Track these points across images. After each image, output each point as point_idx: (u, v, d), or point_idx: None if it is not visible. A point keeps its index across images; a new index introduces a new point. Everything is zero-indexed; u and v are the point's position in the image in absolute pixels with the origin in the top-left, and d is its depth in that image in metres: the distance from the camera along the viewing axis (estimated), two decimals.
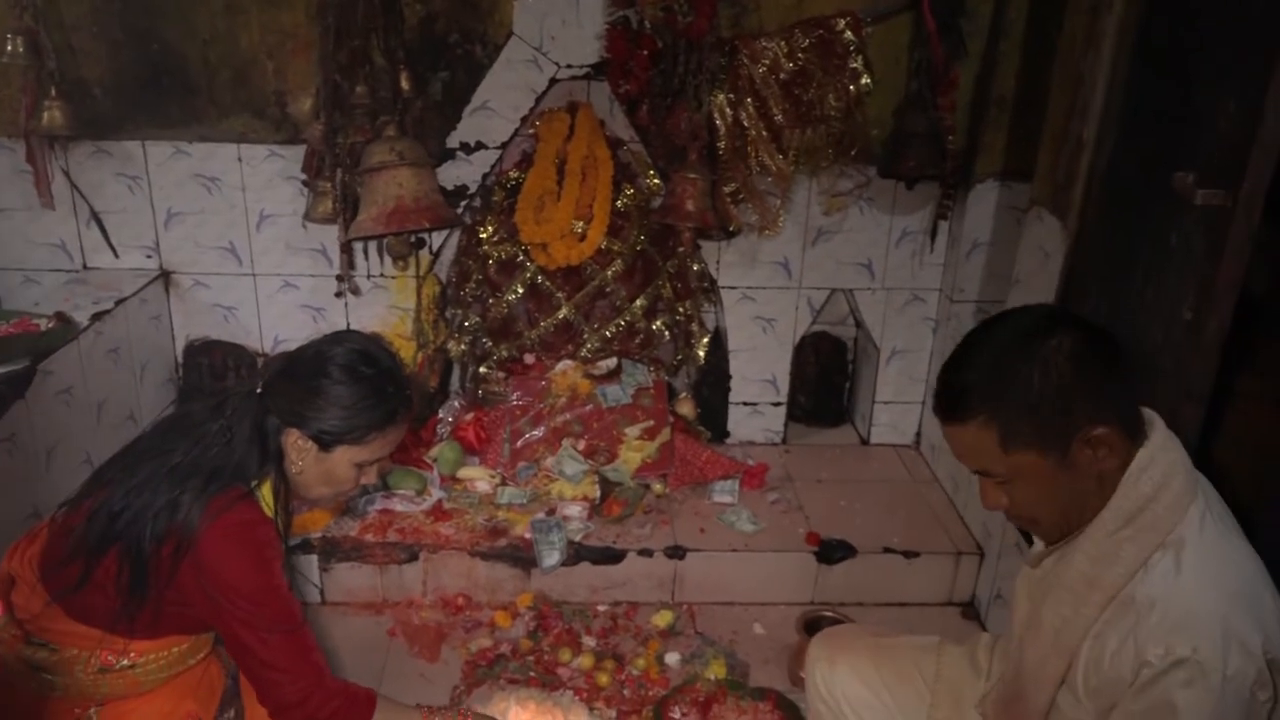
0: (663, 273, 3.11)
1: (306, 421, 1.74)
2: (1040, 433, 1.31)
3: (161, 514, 1.66)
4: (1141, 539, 1.32)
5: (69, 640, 1.74)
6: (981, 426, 1.34)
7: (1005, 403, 1.32)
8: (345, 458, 1.78)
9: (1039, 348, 1.31)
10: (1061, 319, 1.36)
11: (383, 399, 1.75)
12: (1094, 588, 1.35)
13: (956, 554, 2.80)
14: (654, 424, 3.03)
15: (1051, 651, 1.41)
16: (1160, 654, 1.25)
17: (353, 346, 1.79)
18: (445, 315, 3.18)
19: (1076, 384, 1.30)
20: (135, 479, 1.70)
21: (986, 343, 1.39)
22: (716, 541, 2.81)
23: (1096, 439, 1.30)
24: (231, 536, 1.67)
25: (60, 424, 2.41)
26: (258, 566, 1.69)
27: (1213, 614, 1.25)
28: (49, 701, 1.77)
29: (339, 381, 1.73)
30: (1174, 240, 1.84)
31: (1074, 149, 2.31)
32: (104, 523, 1.69)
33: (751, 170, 2.85)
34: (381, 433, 1.77)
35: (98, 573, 1.69)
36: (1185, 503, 1.32)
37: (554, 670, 2.51)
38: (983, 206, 2.92)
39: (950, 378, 1.40)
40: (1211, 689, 1.22)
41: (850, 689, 1.79)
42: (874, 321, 3.24)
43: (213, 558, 1.65)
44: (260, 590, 1.68)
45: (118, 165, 2.90)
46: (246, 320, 3.10)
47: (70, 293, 2.80)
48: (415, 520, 2.81)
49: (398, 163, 2.64)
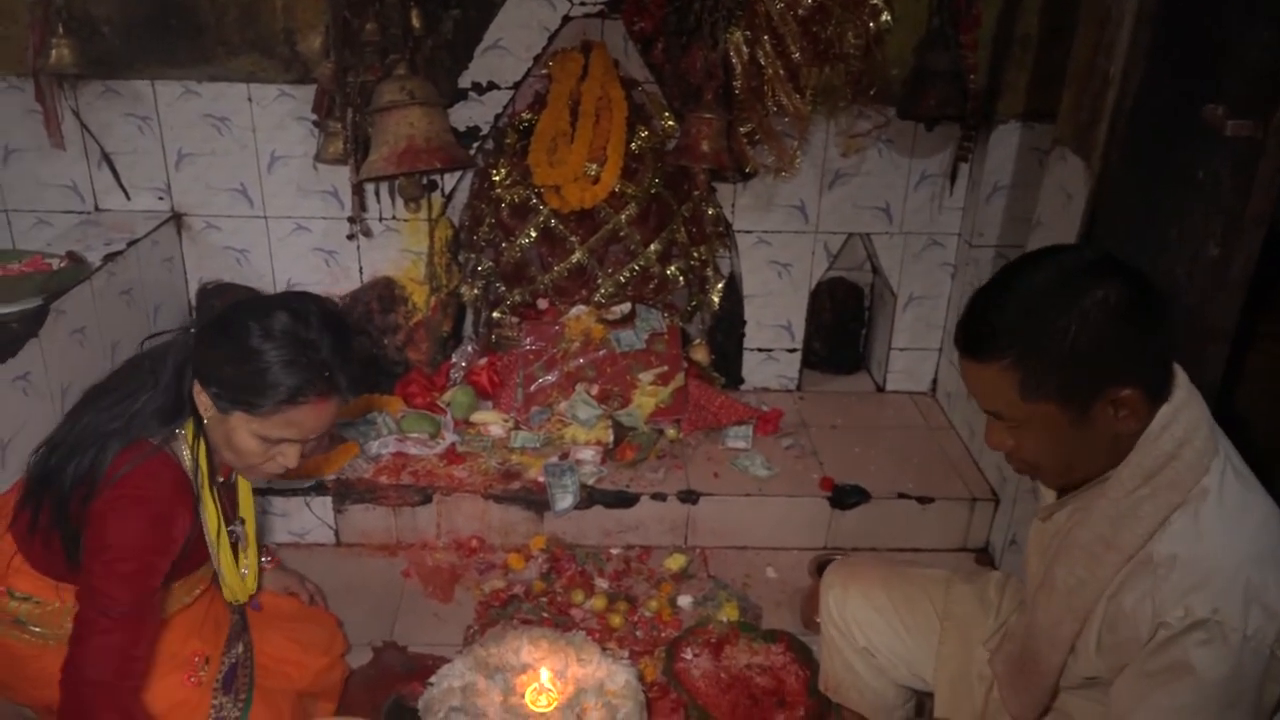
0: (677, 217, 3.07)
1: (206, 376, 1.62)
2: (1065, 388, 1.26)
3: (83, 459, 1.59)
4: (1161, 497, 1.28)
5: (44, 592, 1.72)
6: (1004, 370, 1.28)
7: (1034, 351, 1.26)
8: (243, 426, 1.62)
9: (1081, 299, 1.24)
10: (1110, 268, 1.27)
11: (291, 370, 1.57)
12: (1111, 548, 1.31)
13: (971, 500, 2.79)
14: (668, 369, 3.02)
15: (1065, 613, 1.38)
16: (1180, 615, 1.22)
17: (297, 306, 1.62)
18: (458, 259, 3.16)
19: (1113, 343, 1.24)
20: (78, 424, 1.65)
21: (1025, 284, 1.30)
22: (730, 486, 2.80)
23: (1121, 400, 1.25)
24: (123, 496, 1.58)
25: (74, 364, 2.41)
26: (140, 530, 1.58)
27: (1234, 573, 1.22)
28: (47, 651, 1.75)
29: (254, 336, 1.57)
30: (1201, 175, 1.80)
31: (1099, 86, 2.25)
32: (40, 470, 1.65)
33: (768, 110, 2.80)
34: (284, 409, 1.58)
35: (42, 521, 1.65)
36: (1206, 460, 1.28)
37: (567, 611, 2.53)
38: (1004, 148, 2.86)
39: (980, 314, 1.33)
40: (1230, 648, 1.20)
41: (862, 614, 1.79)
42: (891, 266, 3.20)
43: (99, 514, 1.57)
44: (125, 556, 1.56)
45: (127, 105, 2.87)
46: (259, 263, 3.09)
47: (82, 234, 2.79)
48: (428, 463, 2.81)
49: (409, 102, 2.60)
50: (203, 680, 1.89)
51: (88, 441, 1.62)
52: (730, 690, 2.28)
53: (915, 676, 1.79)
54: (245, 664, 1.99)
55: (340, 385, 1.63)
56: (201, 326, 1.66)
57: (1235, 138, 1.65)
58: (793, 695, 2.27)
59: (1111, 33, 2.19)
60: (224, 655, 1.94)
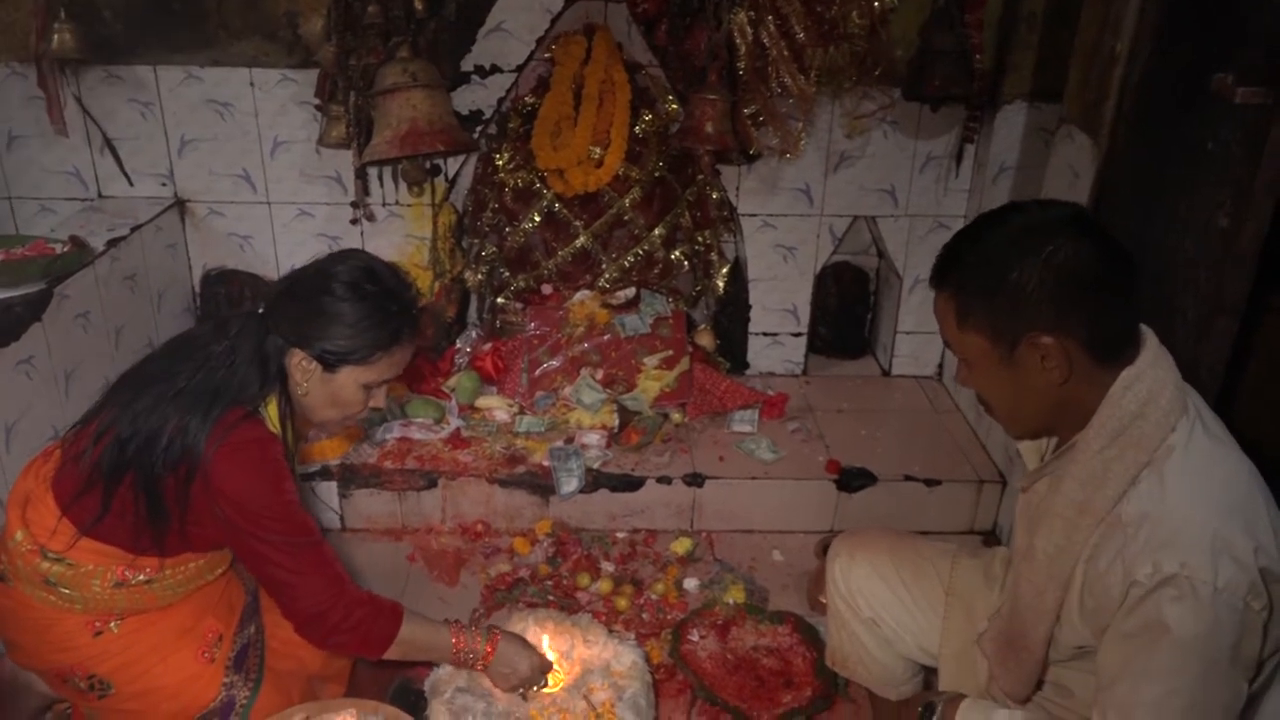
0: (681, 201, 3.06)
1: (309, 341, 1.70)
2: (990, 321, 1.33)
3: (171, 440, 1.64)
4: (1128, 457, 1.29)
5: (88, 557, 1.73)
6: (948, 298, 1.37)
7: (971, 281, 1.34)
8: (351, 379, 1.74)
9: (1036, 245, 1.28)
10: (1079, 228, 1.31)
11: (388, 317, 1.71)
12: (1084, 512, 1.32)
13: (978, 482, 2.78)
14: (672, 354, 3.01)
15: (1047, 581, 1.39)
16: (1149, 572, 1.22)
17: (356, 264, 1.74)
18: (461, 245, 3.15)
19: (1048, 291, 1.27)
20: (141, 403, 1.68)
21: (999, 224, 1.37)
22: (736, 469, 2.79)
23: (1043, 346, 1.29)
24: (239, 456, 1.65)
25: (78, 348, 2.41)
26: (268, 482, 1.67)
27: (1201, 527, 1.22)
28: (67, 615, 1.78)
29: (342, 299, 1.69)
30: (1211, 146, 1.78)
31: (1106, 63, 2.24)
32: (115, 451, 1.67)
33: (772, 91, 2.79)
34: (387, 352, 1.73)
35: (115, 502, 1.68)
36: (1173, 419, 1.29)
37: (572, 594, 2.52)
38: (1010, 129, 2.85)
39: (948, 248, 1.41)
40: (1202, 602, 1.19)
41: (868, 584, 1.79)
42: (897, 249, 3.18)
43: (222, 478, 1.64)
44: (273, 505, 1.67)
45: (130, 91, 2.87)
46: (262, 249, 3.08)
47: (86, 220, 2.79)
48: (433, 448, 2.81)
49: (411, 84, 2.59)
50: (215, 657, 1.89)
51: (167, 426, 1.65)
52: (737, 671, 2.27)
53: (921, 650, 1.78)
54: (257, 645, 1.99)
55: (419, 318, 1.78)
56: (280, 302, 1.73)
57: (1245, 106, 1.64)
58: (800, 676, 2.26)
59: (1118, 9, 2.18)
60: (237, 635, 1.95)
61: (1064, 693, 1.52)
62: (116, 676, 1.77)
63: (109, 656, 1.79)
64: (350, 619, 1.73)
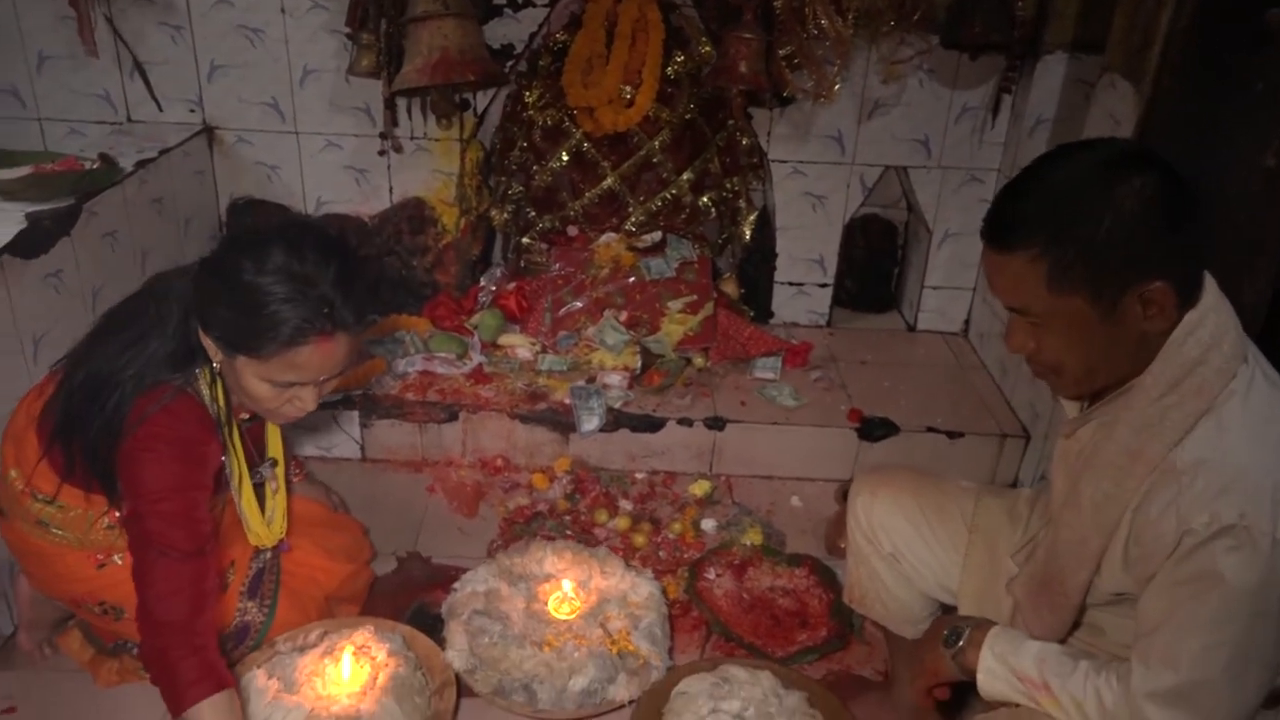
0: (711, 146, 3.03)
1: (206, 320, 1.53)
2: (1095, 279, 1.22)
3: (103, 412, 1.57)
4: (1187, 405, 1.25)
5: (76, 500, 1.72)
6: (1031, 259, 1.24)
7: (1064, 238, 1.22)
8: (248, 370, 1.53)
9: (1117, 186, 1.20)
10: (1145, 161, 1.24)
11: (289, 309, 1.44)
12: (1137, 459, 1.28)
13: (1001, 436, 2.75)
14: (697, 298, 2.99)
15: (1091, 529, 1.35)
16: (1205, 521, 1.19)
17: (283, 237, 1.48)
18: (488, 183, 3.13)
19: (1146, 235, 1.20)
20: (90, 364, 1.63)
21: (1059, 170, 1.27)
22: (757, 414, 2.78)
23: (1150, 294, 1.22)
24: (150, 436, 1.55)
25: (105, 267, 2.41)
26: (174, 470, 1.56)
27: (1261, 477, 1.19)
28: (70, 551, 1.77)
29: (240, 275, 1.46)
30: (1260, 86, 1.74)
31: (1153, 7, 2.19)
32: (64, 417, 1.64)
33: (808, 33, 2.73)
34: (286, 351, 1.48)
35: (76, 459, 1.65)
36: (1234, 366, 1.25)
37: (590, 530, 2.52)
38: (1049, 80, 2.79)
39: (1009, 202, 1.29)
40: (1260, 554, 1.17)
41: (890, 519, 1.77)
42: (928, 202, 3.14)
43: (130, 458, 1.56)
44: (167, 496, 1.54)
45: (160, 14, 2.84)
46: (289, 180, 3.07)
47: (115, 143, 2.77)
48: (455, 382, 2.81)
49: (442, 12, 2.57)
50: (228, 584, 1.90)
51: (104, 387, 1.58)
52: (752, 610, 2.27)
53: (941, 587, 1.77)
54: (273, 570, 2.00)
55: (345, 320, 1.50)
56: (201, 269, 1.57)
57: None
58: (815, 617, 2.26)
59: None
60: (251, 561, 1.96)
61: (1095, 631, 1.50)
62: (128, 603, 1.68)
63: (116, 585, 1.76)
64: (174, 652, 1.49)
